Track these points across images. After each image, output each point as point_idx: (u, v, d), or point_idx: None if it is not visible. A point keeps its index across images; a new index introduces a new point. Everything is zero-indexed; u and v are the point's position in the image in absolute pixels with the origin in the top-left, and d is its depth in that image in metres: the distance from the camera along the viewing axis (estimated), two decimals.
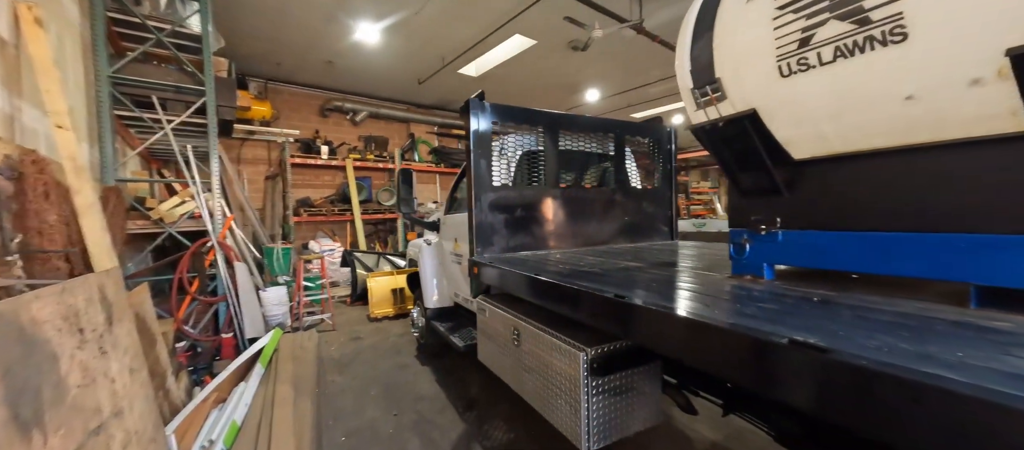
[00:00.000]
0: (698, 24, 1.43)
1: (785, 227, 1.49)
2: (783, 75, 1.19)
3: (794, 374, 0.89)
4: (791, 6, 1.12)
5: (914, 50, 0.94)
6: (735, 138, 1.43)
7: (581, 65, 7.67)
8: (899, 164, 1.17)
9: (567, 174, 3.42)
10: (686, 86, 1.49)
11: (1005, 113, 0.92)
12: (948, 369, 0.70)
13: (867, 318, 1.04)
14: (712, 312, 1.16)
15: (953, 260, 1.10)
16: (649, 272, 1.91)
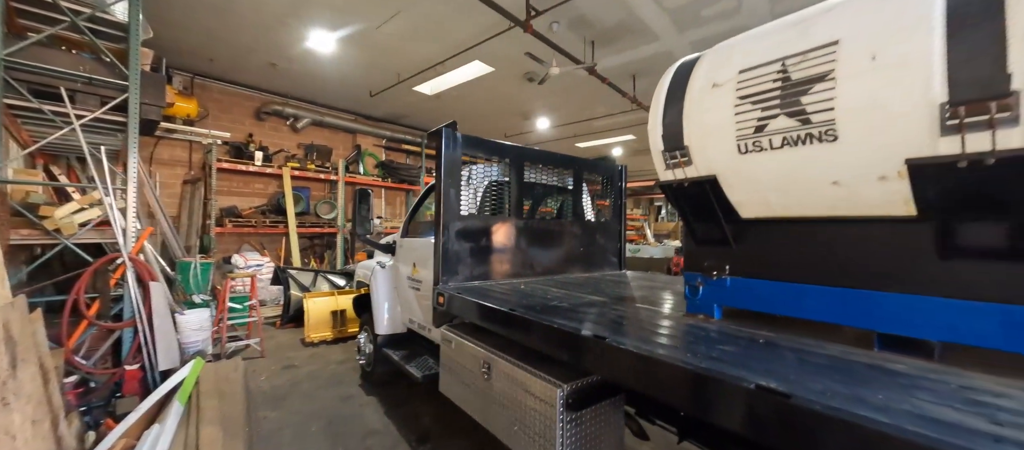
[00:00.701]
0: (670, 95, 1.64)
1: (732, 274, 1.73)
2: (741, 152, 1.41)
3: (755, 415, 1.05)
4: (750, 98, 1.35)
5: (842, 149, 1.20)
6: (697, 197, 1.64)
7: (535, 95, 8.02)
8: (825, 231, 1.44)
9: (530, 205, 3.55)
10: (657, 148, 1.68)
11: (900, 202, 1.20)
12: (878, 412, 0.89)
13: (807, 361, 1.25)
14: (680, 352, 1.31)
15: (863, 310, 1.37)
16: (615, 308, 2.06)
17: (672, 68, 1.70)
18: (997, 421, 0.86)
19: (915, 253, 1.26)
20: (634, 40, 5.90)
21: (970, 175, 1.01)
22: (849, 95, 1.14)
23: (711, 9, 5.16)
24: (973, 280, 1.18)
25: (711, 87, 1.47)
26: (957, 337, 1.23)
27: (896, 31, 1.06)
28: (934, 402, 0.95)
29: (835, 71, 1.16)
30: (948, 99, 0.98)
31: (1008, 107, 0.91)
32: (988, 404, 0.94)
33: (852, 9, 1.19)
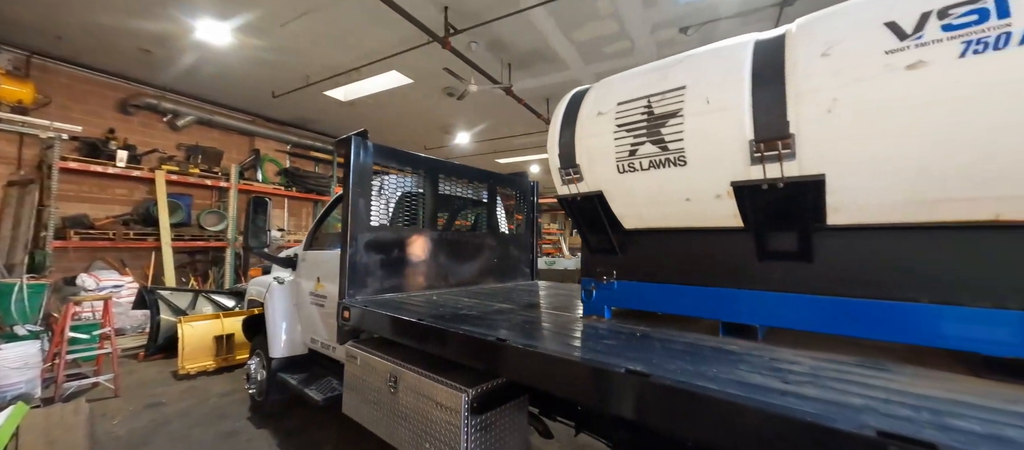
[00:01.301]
0: (565, 119, 1.84)
1: (619, 278, 1.97)
2: (620, 172, 1.65)
3: (627, 394, 1.22)
4: (626, 127, 1.59)
5: (690, 172, 1.48)
6: (588, 210, 1.86)
7: (455, 110, 8.12)
8: (684, 239, 1.74)
9: (444, 217, 3.58)
10: (555, 165, 1.87)
11: (732, 215, 1.52)
12: (710, 381, 1.11)
13: (669, 348, 1.49)
14: (572, 349, 1.46)
15: (711, 305, 1.68)
16: (521, 314, 2.19)
17: (567, 96, 1.91)
18: (787, 381, 1.13)
19: (743, 256, 1.59)
20: (547, 67, 6.37)
21: (770, 195, 1.33)
22: (693, 129, 1.42)
23: (611, 48, 5.84)
24: (780, 276, 1.53)
25: (597, 115, 1.70)
26: (774, 322, 1.58)
27: (721, 82, 1.37)
28: (749, 371, 1.21)
29: (683, 109, 1.44)
30: (754, 137, 1.30)
31: (789, 145, 1.24)
32: (784, 370, 1.23)
33: (695, 61, 1.50)
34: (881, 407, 0.95)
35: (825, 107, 1.16)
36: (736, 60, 1.38)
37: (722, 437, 1.03)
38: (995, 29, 0.94)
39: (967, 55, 0.97)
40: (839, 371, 1.22)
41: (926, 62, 1.02)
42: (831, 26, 1.21)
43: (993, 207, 1.10)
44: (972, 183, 1.07)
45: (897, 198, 1.20)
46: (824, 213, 1.35)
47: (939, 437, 0.79)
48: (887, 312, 1.32)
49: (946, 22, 1.01)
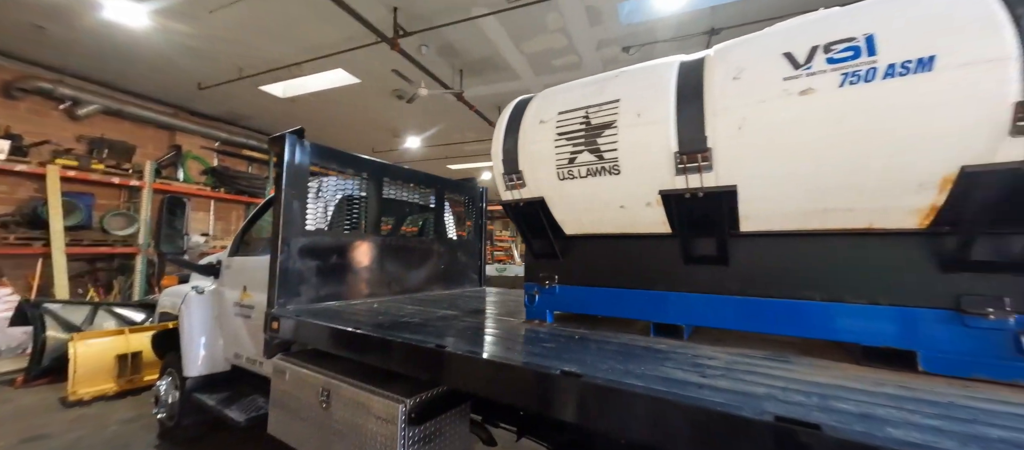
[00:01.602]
0: (509, 126, 1.87)
1: (561, 283, 2.02)
2: (560, 179, 1.70)
3: (563, 395, 1.25)
4: (565, 135, 1.65)
5: (624, 180, 1.56)
6: (531, 215, 1.89)
7: (405, 113, 7.93)
8: (620, 244, 1.83)
9: (389, 222, 3.46)
10: (499, 171, 1.88)
11: (661, 222, 1.62)
12: (637, 379, 1.17)
13: (604, 349, 1.55)
14: (512, 354, 1.47)
15: (644, 307, 1.78)
16: (464, 320, 2.16)
17: (511, 104, 1.95)
18: (705, 375, 1.22)
19: (672, 261, 1.70)
20: (499, 75, 6.45)
21: (691, 203, 1.44)
22: (626, 140, 1.50)
23: (559, 61, 6.05)
24: (702, 279, 1.66)
25: (539, 123, 1.75)
26: (699, 321, 1.71)
27: (651, 98, 1.47)
28: (673, 367, 1.29)
29: (617, 121, 1.52)
30: (678, 149, 1.40)
31: (707, 158, 1.35)
32: (704, 365, 1.33)
33: (629, 77, 1.60)
34: (780, 395, 1.06)
35: (736, 124, 1.29)
36: (664, 78, 1.49)
37: (647, 431, 1.09)
38: (866, 64, 1.11)
39: (845, 85, 1.13)
40: (749, 364, 1.34)
41: (814, 89, 1.17)
42: (741, 53, 1.35)
43: (867, 217, 1.28)
44: (850, 196, 1.24)
45: (793, 208, 1.35)
46: (737, 221, 1.49)
47: (822, 418, 0.90)
48: (789, 310, 1.48)
49: (830, 55, 1.17)
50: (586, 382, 1.18)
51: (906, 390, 1.09)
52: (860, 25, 1.15)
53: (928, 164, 1.09)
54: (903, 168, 1.13)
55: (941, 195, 1.12)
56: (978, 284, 1.19)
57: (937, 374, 1.23)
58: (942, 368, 1.23)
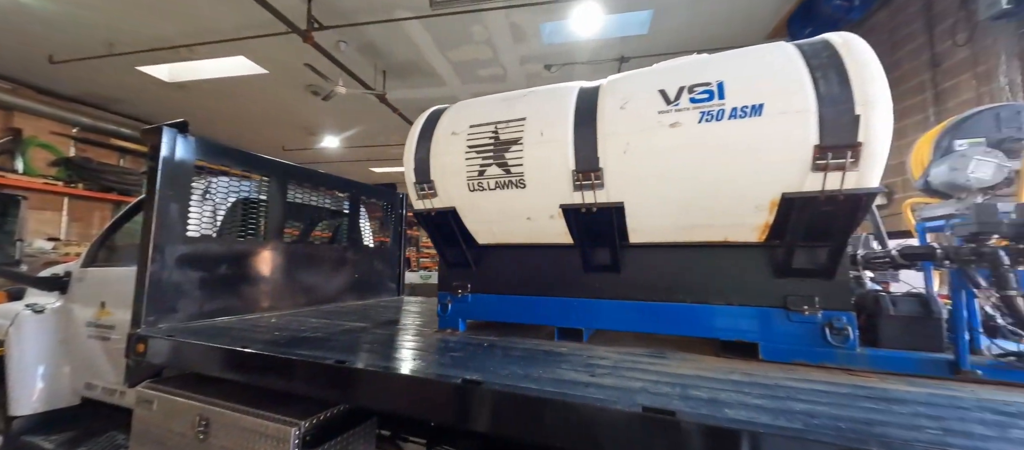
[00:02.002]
0: (421, 135, 1.86)
1: (473, 291, 2.06)
2: (471, 190, 1.74)
3: (466, 403, 1.27)
4: (475, 149, 1.70)
5: (529, 193, 1.66)
6: (443, 224, 1.90)
7: (322, 110, 7.40)
8: (528, 254, 1.93)
9: (295, 228, 3.20)
10: (411, 179, 1.87)
11: (563, 233, 1.75)
12: (533, 382, 1.24)
13: (509, 355, 1.61)
14: (418, 365, 1.46)
15: (550, 312, 1.89)
16: (373, 332, 2.08)
17: (425, 113, 1.95)
18: (594, 374, 1.34)
19: (574, 269, 1.84)
20: (424, 80, 6.36)
21: (587, 216, 1.59)
22: (531, 156, 1.60)
23: (486, 72, 6.17)
24: (600, 285, 1.82)
25: (451, 134, 1.77)
26: (597, 324, 1.86)
27: (553, 118, 1.59)
28: (568, 369, 1.39)
29: (523, 138, 1.61)
30: (575, 167, 1.53)
31: (599, 177, 1.50)
32: (595, 365, 1.46)
33: (535, 98, 1.71)
34: (651, 388, 1.21)
35: (622, 148, 1.45)
36: (565, 102, 1.62)
37: (543, 431, 1.16)
38: (717, 106, 1.33)
39: (702, 122, 1.34)
40: (633, 362, 1.50)
41: (681, 123, 1.37)
42: (627, 86, 1.53)
43: (723, 232, 1.53)
44: (710, 214, 1.47)
45: (669, 223, 1.56)
46: (627, 233, 1.67)
47: (679, 406, 1.05)
48: (668, 311, 1.69)
49: (693, 96, 1.38)
50: (487, 389, 1.22)
51: (747, 376, 1.32)
52: (715, 73, 1.38)
53: (761, 189, 1.35)
54: (745, 192, 1.37)
55: (771, 215, 1.39)
56: (798, 287, 1.50)
57: (772, 361, 1.50)
58: (776, 356, 1.51)
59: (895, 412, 1.03)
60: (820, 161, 1.23)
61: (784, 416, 0.99)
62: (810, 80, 1.24)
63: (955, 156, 1.36)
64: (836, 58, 1.25)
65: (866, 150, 1.19)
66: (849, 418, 0.99)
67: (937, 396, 1.14)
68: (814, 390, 1.19)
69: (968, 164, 1.33)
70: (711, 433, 0.94)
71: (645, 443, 1.01)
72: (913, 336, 1.42)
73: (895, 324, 1.44)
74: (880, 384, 1.26)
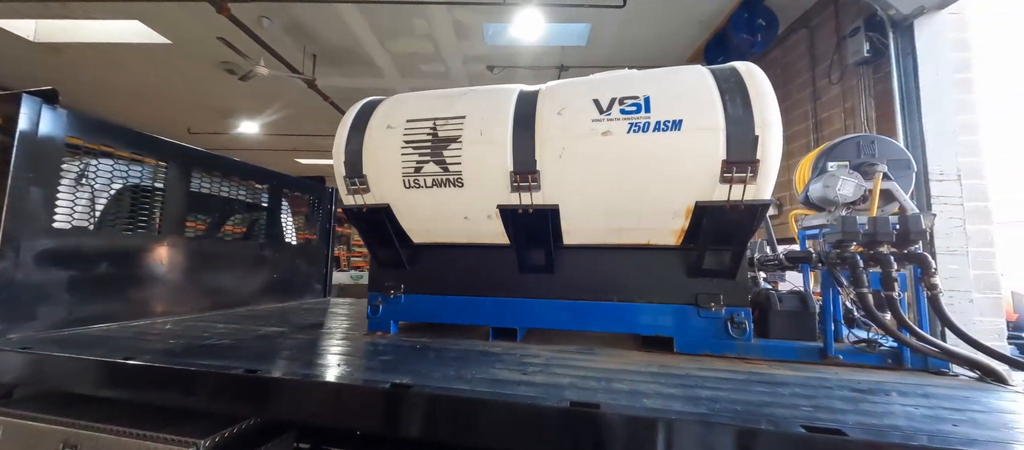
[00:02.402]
0: (354, 126, 1.76)
1: (407, 292, 1.99)
2: (406, 187, 1.68)
3: (395, 408, 1.22)
4: (412, 145, 1.64)
5: (467, 193, 1.64)
6: (375, 222, 1.81)
7: (240, 92, 6.64)
8: (464, 254, 1.91)
9: (201, 221, 2.82)
10: (341, 173, 1.75)
11: (500, 234, 1.76)
12: (467, 383, 1.23)
13: (443, 356, 1.58)
14: (345, 371, 1.37)
15: (486, 313, 1.89)
16: (293, 337, 1.91)
17: (358, 104, 1.84)
18: (526, 372, 1.37)
19: (510, 269, 1.86)
20: (360, 70, 6.01)
21: (524, 218, 1.61)
22: (470, 155, 1.59)
23: (427, 67, 6.02)
24: (535, 286, 1.86)
25: (386, 128, 1.70)
26: (531, 324, 1.90)
27: (493, 119, 1.59)
28: (502, 368, 1.40)
29: (463, 136, 1.59)
30: (513, 168, 1.55)
31: (536, 179, 1.54)
32: (528, 363, 1.48)
33: (475, 97, 1.70)
34: (580, 383, 1.26)
35: (558, 153, 1.50)
36: (505, 103, 1.63)
37: (477, 432, 1.15)
38: (644, 118, 1.44)
39: (631, 132, 1.44)
40: (564, 359, 1.56)
41: (612, 132, 1.45)
42: (565, 93, 1.59)
43: (646, 235, 1.66)
44: (635, 218, 1.58)
45: (600, 226, 1.65)
46: (561, 235, 1.73)
47: (603, 398, 1.11)
48: (597, 310, 1.79)
49: (623, 107, 1.47)
50: (417, 392, 1.18)
51: (662, 368, 1.43)
52: (643, 88, 1.49)
53: (679, 197, 1.48)
54: (665, 199, 1.50)
55: (686, 221, 1.53)
56: (708, 286, 1.67)
57: (684, 353, 1.66)
58: (688, 349, 1.67)
59: (779, 394, 1.20)
60: (727, 174, 1.38)
61: (692, 403, 1.10)
62: (721, 102, 1.39)
63: (827, 175, 1.63)
64: (741, 84, 1.42)
65: (762, 167, 1.37)
66: (744, 401, 1.13)
67: (810, 378, 1.35)
68: (717, 378, 1.34)
69: (836, 182, 1.59)
70: (632, 423, 1.00)
71: (574, 436, 1.05)
72: (794, 328, 1.66)
73: (781, 318, 1.67)
74: (768, 370, 1.45)
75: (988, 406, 1.13)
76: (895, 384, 1.30)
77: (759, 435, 0.92)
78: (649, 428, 0.98)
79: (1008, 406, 1.14)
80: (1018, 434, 0.94)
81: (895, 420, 1.01)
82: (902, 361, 1.49)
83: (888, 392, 1.22)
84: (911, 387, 1.27)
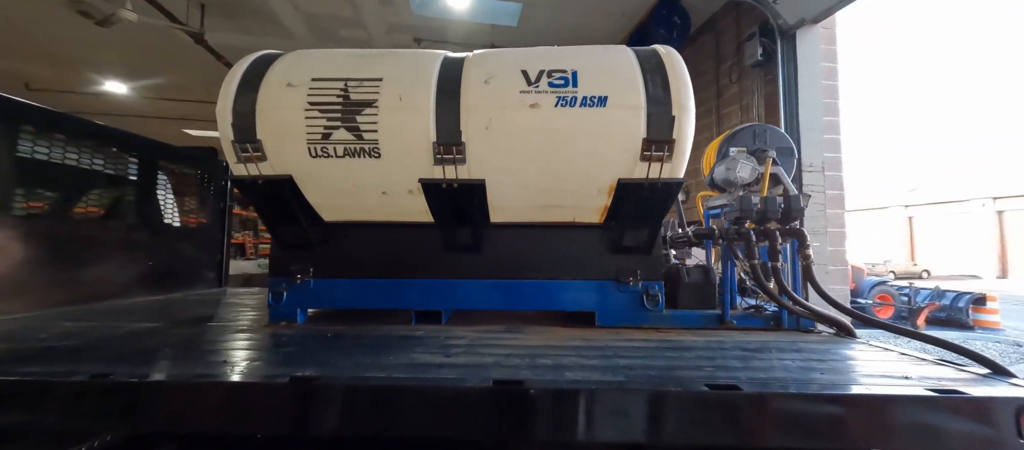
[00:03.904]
0: (244, 82, 1.49)
1: (317, 277, 1.78)
2: (313, 156, 1.47)
3: (301, 405, 1.07)
4: (319, 107, 1.44)
5: (385, 164, 1.49)
6: (275, 197, 1.57)
7: (103, 42, 5.39)
8: (385, 233, 1.76)
9: (41, 198, 2.24)
10: (227, 137, 1.48)
11: (423, 211, 1.64)
12: (382, 370, 1.13)
13: (359, 344, 1.44)
14: (236, 368, 1.17)
15: (409, 296, 1.77)
16: (171, 333, 1.61)
17: (250, 57, 1.57)
18: (448, 355, 1.30)
19: (435, 249, 1.76)
20: (264, 27, 5.25)
21: (448, 193, 1.52)
22: (387, 122, 1.44)
23: (346, 32, 5.47)
24: (461, 265, 1.79)
25: (287, 86, 1.46)
26: (458, 305, 1.83)
27: (414, 83, 1.46)
28: (422, 352, 1.31)
29: (379, 101, 1.44)
30: (436, 139, 1.44)
31: (461, 151, 1.45)
32: (451, 345, 1.41)
33: (396, 59, 1.54)
34: (504, 361, 1.23)
35: (484, 124, 1.42)
36: (428, 68, 1.50)
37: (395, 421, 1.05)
38: (571, 93, 1.42)
39: (558, 106, 1.42)
40: (491, 339, 1.51)
41: (540, 105, 1.42)
42: (494, 61, 1.51)
43: (572, 213, 1.67)
44: (561, 196, 1.58)
45: (528, 203, 1.62)
46: (488, 212, 1.67)
47: (527, 375, 1.09)
48: (526, 289, 1.77)
49: (551, 80, 1.44)
50: (322, 384, 1.05)
51: (585, 342, 1.47)
52: (571, 63, 1.47)
53: (603, 174, 1.50)
54: (591, 176, 1.51)
55: (609, 198, 1.57)
56: (627, 262, 1.74)
57: (605, 327, 1.73)
58: (608, 321, 1.73)
59: (686, 358, 1.29)
60: (647, 153, 1.43)
61: (610, 372, 1.13)
62: (643, 81, 1.43)
63: (729, 159, 1.79)
64: (661, 66, 1.47)
65: (677, 146, 1.44)
66: (657, 366, 1.19)
67: (711, 342, 1.48)
68: (633, 347, 1.40)
69: (736, 165, 1.76)
70: (555, 396, 0.99)
71: (499, 415, 1.02)
72: (698, 298, 1.82)
73: (687, 290, 1.82)
74: (677, 337, 1.56)
75: (843, 355, 1.34)
76: (776, 342, 1.48)
77: (669, 396, 0.97)
78: (572, 399, 0.98)
79: (856, 355, 1.36)
80: (859, 377, 1.13)
81: (776, 373, 1.14)
82: (781, 322, 1.71)
83: (771, 350, 1.38)
84: (787, 344, 1.45)
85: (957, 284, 9.63)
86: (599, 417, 0.96)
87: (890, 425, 0.93)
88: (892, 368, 1.22)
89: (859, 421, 0.94)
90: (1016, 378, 1.07)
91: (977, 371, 1.15)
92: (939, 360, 1.24)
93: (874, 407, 0.96)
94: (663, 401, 0.96)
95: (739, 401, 0.97)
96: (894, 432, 0.93)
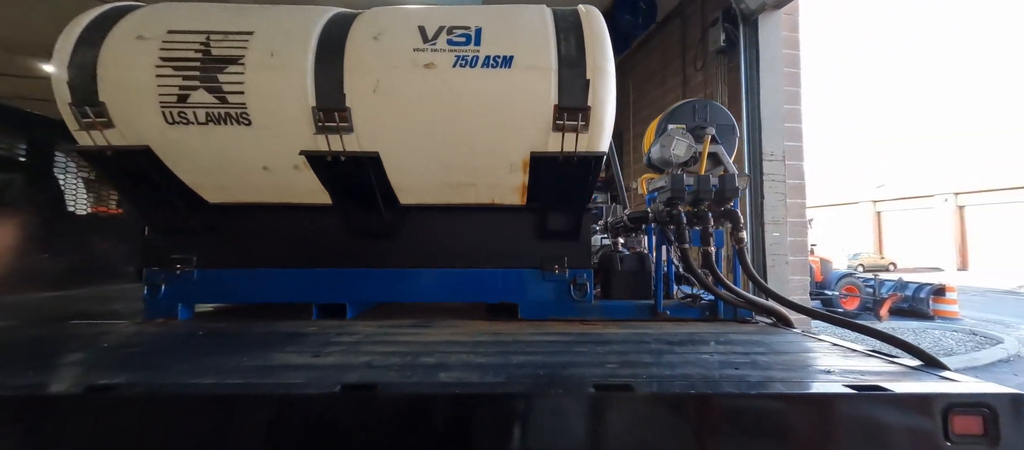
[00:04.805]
0: (85, 36, 1.25)
1: (202, 267, 1.55)
2: (169, 122, 1.25)
3: (102, 419, 0.86)
4: (173, 63, 1.21)
5: (258, 133, 1.28)
6: (133, 172, 1.34)
7: None
8: (278, 216, 1.55)
9: None
10: (64, 99, 1.24)
11: (317, 190, 1.43)
12: (220, 375, 0.93)
13: (226, 344, 1.23)
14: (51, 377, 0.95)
15: (308, 288, 1.56)
16: (12, 335, 1.36)
17: (97, 9, 1.31)
18: (319, 355, 1.10)
19: (335, 235, 1.56)
20: None
21: (336, 168, 1.32)
22: (255, 82, 1.23)
23: None
24: (371, 254, 1.59)
25: (136, 38, 1.23)
26: (364, 297, 1.63)
27: (288, 38, 1.25)
28: (291, 352, 1.11)
29: (246, 57, 1.22)
30: (316, 104, 1.24)
31: (346, 118, 1.25)
32: (335, 343, 1.21)
33: (272, 13, 1.33)
34: (378, 361, 1.04)
35: (371, 86, 1.23)
36: (310, 22, 1.30)
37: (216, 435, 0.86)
38: (471, 52, 1.24)
39: (457, 66, 1.23)
40: (387, 335, 1.32)
41: (436, 65, 1.23)
42: (386, 16, 1.31)
43: (488, 193, 1.49)
44: (470, 173, 1.39)
45: (435, 181, 1.43)
46: (394, 193, 1.48)
47: (393, 377, 0.91)
48: (442, 278, 1.59)
49: (450, 37, 1.25)
50: (124, 393, 0.84)
51: (493, 337, 1.29)
52: (474, 20, 1.29)
53: (514, 148, 1.33)
54: (500, 149, 1.34)
55: (525, 176, 1.40)
56: (553, 249, 1.57)
57: (528, 319, 1.56)
58: (532, 314, 1.56)
59: (596, 353, 1.13)
60: (558, 121, 1.26)
61: (493, 372, 0.96)
62: (555, 41, 1.26)
63: (665, 136, 1.64)
64: (577, 25, 1.30)
65: (594, 115, 1.27)
66: (554, 363, 1.03)
67: (634, 335, 1.32)
68: (544, 342, 1.24)
69: (671, 143, 1.61)
70: (406, 400, 0.82)
71: (347, 422, 0.83)
72: (633, 287, 1.67)
73: (622, 278, 1.67)
74: (602, 330, 1.40)
75: (771, 347, 1.20)
76: (705, 334, 1.34)
77: (542, 399, 0.80)
78: (424, 406, 0.80)
79: (787, 346, 1.23)
80: (779, 372, 0.99)
81: (688, 369, 0.99)
82: (718, 313, 1.58)
83: (696, 342, 1.24)
84: (716, 336, 1.31)
85: (920, 276, 9.92)
86: (455, 424, 0.79)
87: (794, 426, 0.79)
88: (819, 361, 1.09)
89: (769, 421, 0.80)
90: (947, 371, 0.94)
91: (908, 363, 1.03)
92: (870, 351, 1.12)
93: (784, 405, 0.82)
94: (533, 404, 0.79)
95: (631, 402, 0.81)
96: (801, 433, 0.79)
